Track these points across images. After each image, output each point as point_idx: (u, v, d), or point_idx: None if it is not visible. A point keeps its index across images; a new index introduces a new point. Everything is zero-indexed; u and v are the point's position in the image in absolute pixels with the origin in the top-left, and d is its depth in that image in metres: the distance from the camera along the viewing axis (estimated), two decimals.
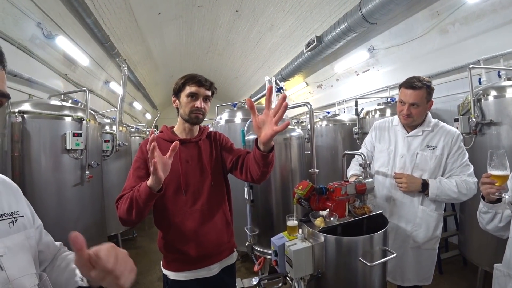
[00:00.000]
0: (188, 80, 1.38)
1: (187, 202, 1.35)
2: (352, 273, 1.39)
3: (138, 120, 10.94)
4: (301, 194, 1.64)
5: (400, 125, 1.88)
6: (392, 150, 1.87)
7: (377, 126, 2.05)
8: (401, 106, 1.76)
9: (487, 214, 1.33)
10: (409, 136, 1.82)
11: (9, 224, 0.70)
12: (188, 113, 1.38)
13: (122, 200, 1.23)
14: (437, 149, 1.74)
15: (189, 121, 1.41)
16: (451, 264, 3.22)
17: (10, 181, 0.80)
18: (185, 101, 1.38)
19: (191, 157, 1.41)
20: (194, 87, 1.36)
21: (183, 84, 1.39)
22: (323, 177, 3.92)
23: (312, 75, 7.10)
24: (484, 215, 1.36)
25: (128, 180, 1.32)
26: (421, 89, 1.68)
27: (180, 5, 5.70)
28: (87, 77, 5.54)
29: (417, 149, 1.78)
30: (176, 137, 1.42)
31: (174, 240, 1.35)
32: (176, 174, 1.35)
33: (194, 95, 1.37)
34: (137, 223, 1.29)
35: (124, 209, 1.18)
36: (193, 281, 1.37)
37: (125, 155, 4.49)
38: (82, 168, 2.75)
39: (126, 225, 1.31)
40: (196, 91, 1.37)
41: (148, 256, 4.09)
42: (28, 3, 3.30)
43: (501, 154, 1.19)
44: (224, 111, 3.45)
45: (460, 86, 3.60)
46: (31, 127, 2.41)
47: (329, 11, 4.78)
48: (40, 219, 2.59)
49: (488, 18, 3.17)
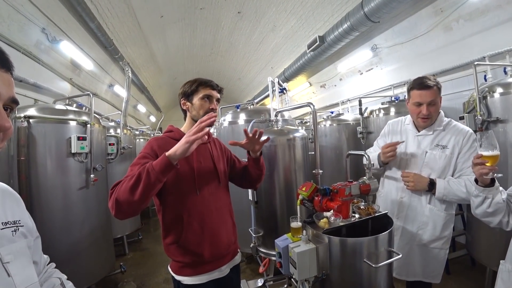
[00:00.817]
0: (202, 83, 1.45)
1: (201, 202, 1.37)
2: (357, 274, 1.38)
3: (143, 122, 11.02)
4: (305, 195, 1.63)
5: (411, 124, 1.89)
6: (402, 148, 1.86)
7: (391, 127, 2.05)
8: (417, 108, 1.73)
9: (477, 198, 1.34)
10: (419, 135, 1.82)
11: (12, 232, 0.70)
12: (203, 114, 1.41)
13: (122, 182, 1.15)
14: (447, 148, 1.73)
15: None
16: (459, 264, 3.17)
17: (13, 191, 0.81)
18: (199, 103, 1.43)
19: (203, 158, 1.45)
20: (208, 90, 1.44)
21: (197, 87, 1.44)
22: (327, 178, 3.90)
23: (315, 75, 7.08)
24: (474, 199, 1.37)
25: (131, 171, 1.22)
26: (434, 87, 1.68)
27: (183, 7, 5.73)
28: (91, 81, 5.60)
29: (426, 148, 1.77)
30: None
31: (189, 242, 1.34)
32: (191, 173, 1.37)
33: (208, 98, 1.44)
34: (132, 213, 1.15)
35: (127, 187, 1.09)
36: (209, 283, 1.38)
37: (129, 158, 4.51)
38: (87, 172, 2.77)
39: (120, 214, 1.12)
40: (211, 94, 1.45)
41: (153, 258, 4.11)
42: (33, 9, 3.35)
43: (490, 134, 1.23)
44: (227, 112, 3.45)
45: (466, 84, 3.55)
46: (36, 131, 2.43)
47: (331, 11, 4.76)
48: (46, 222, 2.62)
49: (492, 14, 3.13)
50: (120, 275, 3.40)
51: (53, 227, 2.48)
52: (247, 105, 3.40)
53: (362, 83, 5.74)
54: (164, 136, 1.44)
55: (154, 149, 1.33)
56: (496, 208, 1.30)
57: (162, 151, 1.16)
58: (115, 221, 3.70)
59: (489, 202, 1.30)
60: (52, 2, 3.48)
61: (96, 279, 2.82)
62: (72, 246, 2.59)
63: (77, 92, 4.77)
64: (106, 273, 3.07)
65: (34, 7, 3.34)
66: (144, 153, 1.32)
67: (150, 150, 1.33)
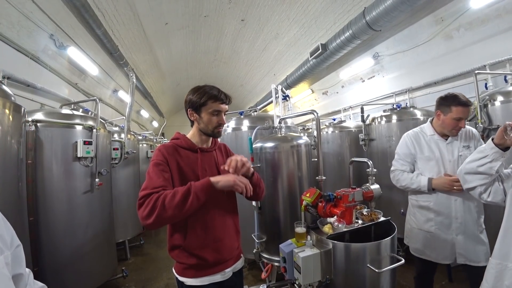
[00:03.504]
0: (212, 97, 1.41)
1: (205, 209, 1.37)
2: (361, 279, 1.39)
3: (145, 128, 11.07)
4: (309, 201, 1.65)
5: (437, 135, 2.03)
6: (439, 157, 2.00)
7: (414, 141, 2.11)
8: (457, 122, 1.89)
9: (479, 154, 1.42)
10: (449, 143, 1.99)
11: None
12: (212, 128, 1.45)
13: (162, 196, 1.21)
14: (471, 147, 1.96)
15: (212, 135, 1.50)
16: (462, 272, 3.15)
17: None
18: (208, 118, 1.43)
19: (208, 166, 1.47)
20: (218, 104, 1.43)
21: (206, 101, 1.41)
22: (329, 184, 3.92)
23: (318, 82, 7.14)
24: (476, 154, 1.45)
25: (151, 180, 1.28)
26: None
27: (187, 15, 5.83)
28: (96, 86, 5.67)
29: (459, 152, 1.96)
30: (195, 146, 1.47)
31: (193, 246, 1.37)
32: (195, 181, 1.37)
33: (218, 112, 1.44)
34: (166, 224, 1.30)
35: (173, 204, 1.19)
36: (211, 285, 1.40)
37: (133, 163, 4.55)
38: (92, 176, 2.80)
39: (157, 225, 1.21)
40: (220, 109, 1.44)
41: (155, 263, 4.11)
42: (42, 16, 3.42)
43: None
44: (231, 119, 3.49)
45: (467, 92, 3.54)
46: (43, 135, 2.47)
47: (334, 19, 4.83)
48: (51, 225, 2.63)
49: (493, 23, 3.18)
50: (122, 279, 3.40)
51: (57, 230, 2.49)
52: (251, 111, 3.44)
53: (364, 91, 5.79)
54: (171, 144, 1.46)
55: (165, 155, 1.37)
56: (485, 172, 1.38)
57: (172, 158, 1.37)
58: (118, 226, 3.72)
59: (486, 161, 1.37)
60: (61, 9, 3.55)
61: (98, 284, 2.83)
62: (76, 249, 2.60)
63: (82, 97, 4.83)
64: (108, 278, 3.08)
65: (43, 13, 3.42)
66: (157, 160, 1.36)
67: (162, 157, 1.37)
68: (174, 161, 1.38)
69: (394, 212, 3.30)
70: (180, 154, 1.41)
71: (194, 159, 1.43)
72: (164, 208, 1.18)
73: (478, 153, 1.44)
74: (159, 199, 1.20)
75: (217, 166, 1.51)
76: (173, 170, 1.36)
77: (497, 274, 1.24)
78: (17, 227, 1.98)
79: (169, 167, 1.35)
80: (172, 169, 1.36)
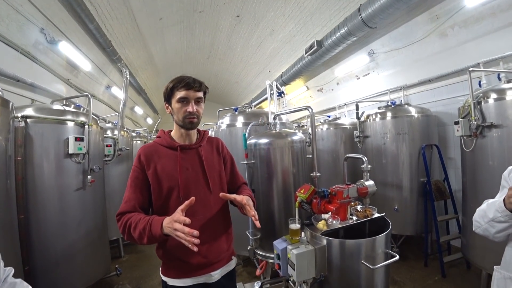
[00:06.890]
0: (176, 84, 1.31)
1: (192, 211, 1.24)
2: (355, 276, 1.39)
3: (140, 124, 10.98)
4: (303, 198, 1.64)
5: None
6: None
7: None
8: None
9: (501, 224, 1.24)
10: None
11: None
12: (182, 119, 1.33)
13: (129, 222, 1.22)
14: None
15: (184, 127, 1.37)
16: (454, 267, 3.20)
17: None
18: (177, 107, 1.33)
19: (191, 165, 1.39)
20: (183, 91, 1.30)
21: (172, 89, 1.33)
22: (324, 181, 3.93)
23: (313, 79, 7.14)
24: (497, 224, 1.26)
25: (128, 191, 1.32)
26: None
27: (182, 10, 5.76)
28: (89, 82, 5.58)
29: None
30: (175, 143, 1.39)
31: (174, 249, 1.31)
32: (175, 183, 1.33)
33: (184, 100, 1.31)
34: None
35: (135, 235, 1.20)
36: (195, 286, 1.36)
37: (126, 160, 4.50)
38: (84, 173, 2.75)
39: (131, 241, 1.29)
40: (186, 95, 1.30)
41: (149, 261, 4.08)
42: (32, 9, 3.34)
43: None
44: (226, 115, 3.46)
45: (461, 89, 3.61)
46: (34, 131, 2.41)
47: (329, 16, 4.81)
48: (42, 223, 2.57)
49: (487, 21, 3.20)
50: (116, 277, 3.37)
51: (49, 228, 2.45)
52: (245, 108, 3.42)
53: (359, 88, 5.80)
54: (153, 144, 1.41)
55: (142, 160, 1.34)
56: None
57: (149, 162, 1.33)
58: (111, 223, 3.67)
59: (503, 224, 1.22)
60: (52, 2, 3.47)
61: (91, 282, 2.79)
62: (68, 247, 2.56)
63: (74, 92, 4.75)
64: (102, 276, 3.04)
65: (34, 7, 3.34)
66: (134, 167, 1.35)
67: (138, 163, 1.35)
68: (152, 166, 1.33)
69: (389, 208, 3.33)
70: (160, 155, 1.35)
71: (175, 158, 1.36)
72: (130, 234, 1.22)
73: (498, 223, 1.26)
74: (127, 224, 1.22)
75: (202, 164, 1.41)
76: (150, 175, 1.32)
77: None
78: (6, 225, 1.95)
79: (144, 172, 1.32)
80: (149, 174, 1.32)
